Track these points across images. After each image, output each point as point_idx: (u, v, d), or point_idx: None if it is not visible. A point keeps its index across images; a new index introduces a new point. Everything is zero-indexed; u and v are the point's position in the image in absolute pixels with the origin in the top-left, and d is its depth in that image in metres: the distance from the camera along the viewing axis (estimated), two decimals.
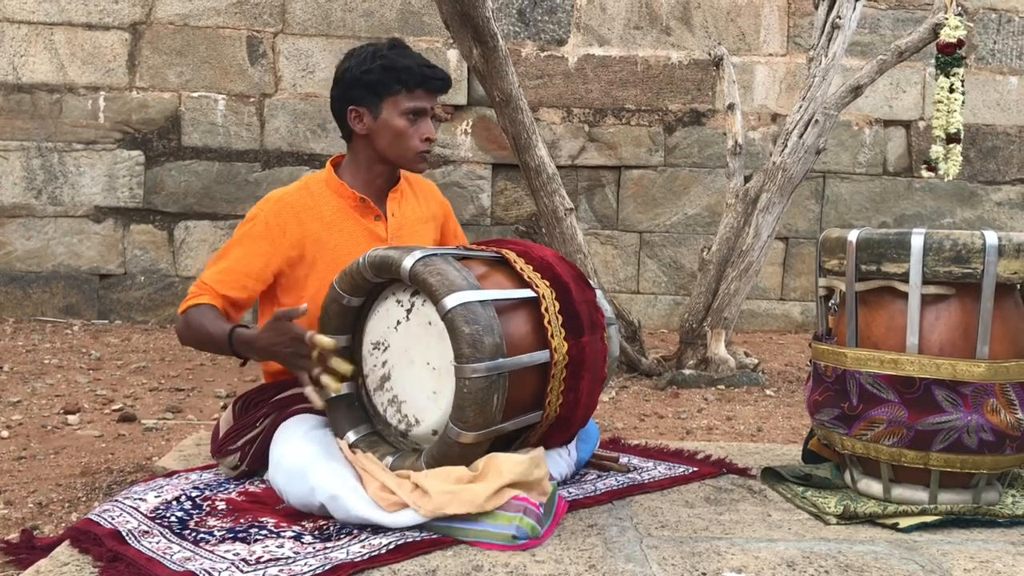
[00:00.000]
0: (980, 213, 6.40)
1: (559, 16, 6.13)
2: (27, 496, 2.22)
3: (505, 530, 1.60)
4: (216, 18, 5.91)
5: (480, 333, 1.64)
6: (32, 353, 4.58)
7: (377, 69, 2.00)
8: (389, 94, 2.01)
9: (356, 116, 2.05)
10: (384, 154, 2.06)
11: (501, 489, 1.63)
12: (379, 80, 2.00)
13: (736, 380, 4.13)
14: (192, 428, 3.07)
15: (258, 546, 1.58)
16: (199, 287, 1.98)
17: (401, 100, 2.02)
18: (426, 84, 2.03)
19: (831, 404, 1.93)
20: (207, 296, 1.96)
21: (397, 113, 2.02)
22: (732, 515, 1.86)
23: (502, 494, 1.63)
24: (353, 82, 2.03)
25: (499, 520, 1.62)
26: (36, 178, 5.81)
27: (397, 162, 2.08)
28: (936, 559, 1.62)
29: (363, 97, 2.03)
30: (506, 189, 6.15)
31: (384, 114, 2.02)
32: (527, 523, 1.61)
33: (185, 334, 1.97)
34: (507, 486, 1.64)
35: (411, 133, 2.03)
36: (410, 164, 2.08)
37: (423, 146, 2.05)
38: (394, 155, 2.06)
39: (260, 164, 5.96)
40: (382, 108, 2.02)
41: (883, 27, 6.27)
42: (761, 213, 4.36)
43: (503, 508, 1.62)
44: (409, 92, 2.02)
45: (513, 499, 1.63)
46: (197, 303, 1.95)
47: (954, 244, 1.78)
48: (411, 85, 2.02)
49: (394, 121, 2.02)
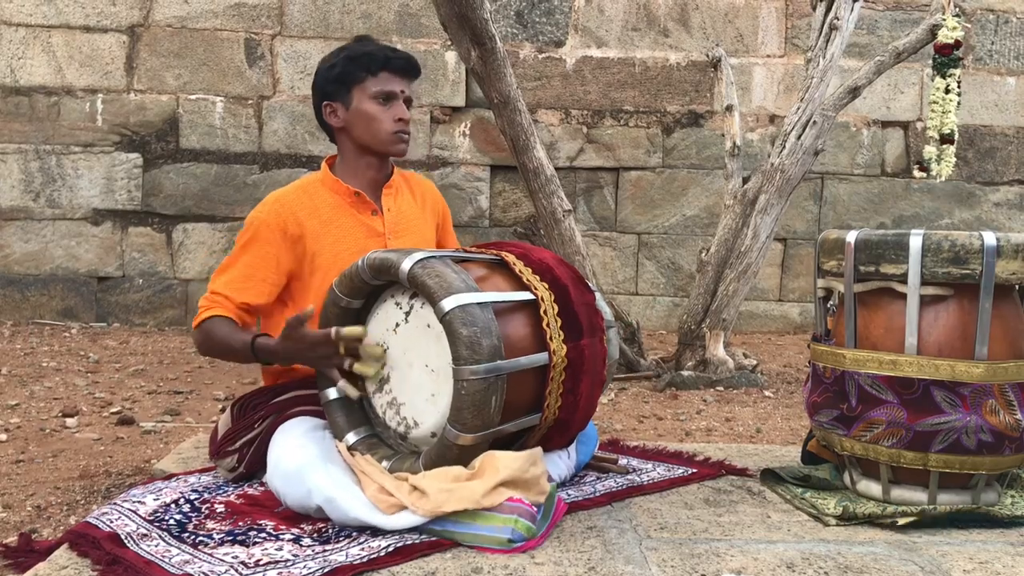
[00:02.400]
0: (978, 214, 6.41)
1: (557, 18, 6.13)
2: (25, 499, 2.22)
3: (500, 534, 1.60)
4: (214, 20, 5.91)
5: (478, 335, 1.64)
6: (30, 356, 4.57)
7: (341, 61, 2.06)
8: (356, 82, 2.06)
9: (331, 111, 2.09)
10: (362, 141, 2.08)
11: (498, 486, 1.63)
12: (344, 71, 2.06)
13: (735, 381, 4.13)
14: (191, 431, 3.07)
15: (257, 549, 1.58)
16: (211, 299, 1.99)
17: (368, 85, 2.06)
18: (389, 65, 2.07)
19: (830, 405, 1.93)
20: (220, 308, 1.97)
21: (366, 98, 2.06)
22: (731, 516, 1.86)
23: (499, 492, 1.63)
24: (323, 80, 2.09)
25: (494, 522, 1.61)
26: (34, 181, 5.81)
27: (376, 147, 2.09)
28: (935, 560, 1.62)
29: (334, 91, 2.08)
30: (504, 191, 6.15)
31: (355, 102, 2.06)
32: (523, 525, 1.61)
33: (205, 346, 1.99)
34: (504, 483, 1.64)
35: (383, 116, 2.06)
36: (387, 147, 2.09)
37: (397, 126, 2.07)
38: (371, 140, 2.08)
39: (258, 166, 5.96)
40: (352, 97, 2.07)
41: (881, 28, 6.27)
42: (759, 214, 4.36)
43: (498, 510, 1.62)
44: (374, 76, 2.06)
45: (508, 501, 1.63)
46: (212, 315, 1.96)
47: (952, 245, 1.78)
48: (375, 69, 2.06)
49: (364, 106, 2.06)
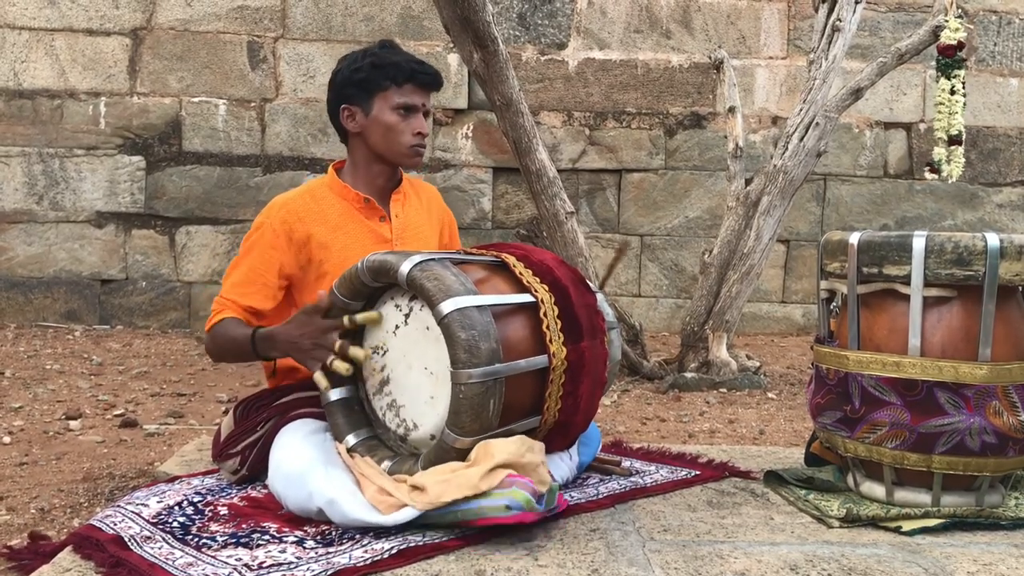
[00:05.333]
0: (981, 215, 6.40)
1: (559, 20, 6.13)
2: (29, 502, 2.22)
3: (498, 502, 1.60)
4: (217, 23, 5.92)
5: (476, 339, 1.64)
6: (34, 359, 4.58)
7: (367, 67, 2.04)
8: (379, 90, 2.05)
9: (349, 115, 2.08)
10: (377, 150, 2.08)
11: (494, 469, 1.62)
12: (369, 77, 2.04)
13: (738, 383, 4.13)
14: (194, 433, 3.07)
15: (260, 551, 1.58)
16: (219, 304, 2.01)
17: (391, 95, 2.04)
18: (415, 79, 2.06)
19: (833, 407, 1.92)
20: (228, 311, 1.99)
21: (388, 108, 2.05)
22: (735, 519, 1.86)
23: (496, 474, 1.62)
24: (344, 82, 2.07)
25: (492, 497, 1.61)
26: (37, 184, 5.82)
27: (391, 158, 2.09)
28: (939, 562, 1.62)
29: (354, 95, 2.06)
30: (507, 193, 6.15)
31: (375, 110, 2.05)
32: (520, 495, 1.60)
33: (214, 349, 2.01)
34: (500, 466, 1.63)
35: (402, 128, 2.05)
36: (403, 159, 2.09)
37: (415, 140, 2.07)
38: (387, 150, 2.07)
39: (261, 169, 5.96)
40: (373, 104, 2.05)
41: (883, 29, 6.27)
42: (762, 216, 4.35)
43: (497, 487, 1.61)
44: (399, 87, 2.05)
45: (507, 477, 1.62)
46: (220, 319, 1.98)
47: (956, 246, 1.77)
48: (400, 80, 2.04)
49: (385, 116, 2.05)
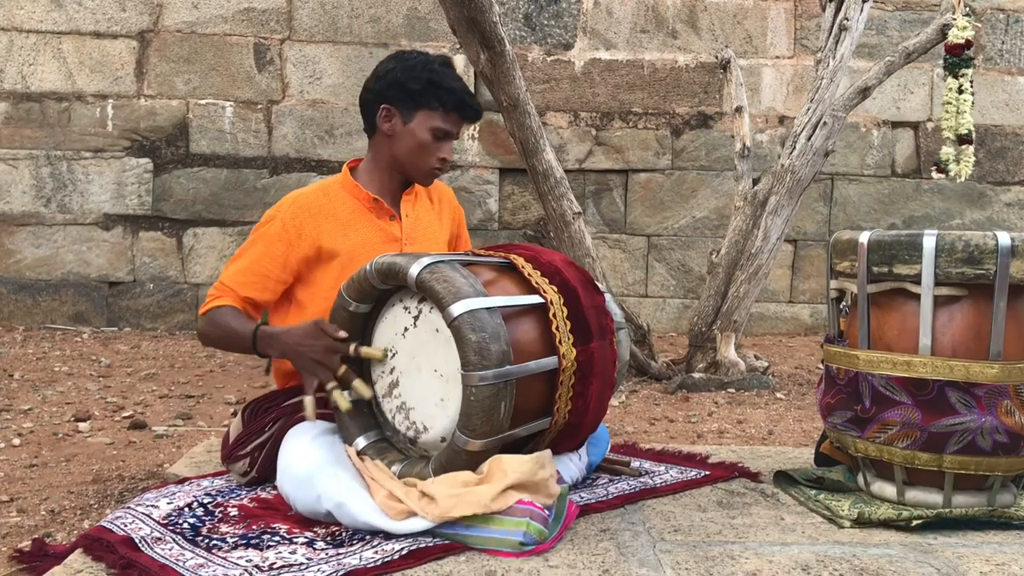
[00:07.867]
0: (989, 214, 6.37)
1: (565, 20, 6.13)
2: (39, 504, 2.23)
3: (512, 536, 1.60)
4: (223, 25, 5.93)
5: (487, 341, 1.63)
6: (42, 361, 4.59)
7: (423, 80, 2.02)
8: (426, 107, 2.03)
9: (386, 115, 2.06)
10: (400, 159, 2.08)
11: (507, 490, 1.63)
12: (422, 91, 2.03)
13: (746, 383, 4.12)
14: (203, 435, 3.07)
15: (271, 552, 1.58)
16: (219, 289, 2.01)
17: (435, 117, 2.04)
18: (462, 111, 2.07)
19: (843, 407, 1.92)
20: (227, 298, 1.99)
21: (427, 127, 2.04)
22: (745, 519, 1.85)
23: (508, 495, 1.62)
24: (395, 83, 2.04)
25: (505, 526, 1.61)
26: (45, 186, 5.83)
27: (409, 171, 2.09)
28: (952, 562, 1.61)
29: (399, 99, 2.05)
30: (513, 194, 6.15)
31: (414, 124, 2.04)
32: (534, 528, 1.61)
33: (208, 335, 2.01)
34: (512, 486, 1.63)
35: (432, 150, 2.05)
36: (419, 177, 2.10)
37: (437, 164, 2.08)
38: (409, 164, 2.08)
39: (268, 171, 5.97)
40: (415, 117, 2.04)
41: (890, 28, 6.25)
42: (770, 216, 4.34)
43: (509, 513, 1.61)
44: (445, 113, 2.04)
45: (518, 503, 1.62)
46: (218, 304, 1.98)
47: (966, 245, 1.77)
48: (448, 107, 2.04)
49: (421, 133, 2.04)
